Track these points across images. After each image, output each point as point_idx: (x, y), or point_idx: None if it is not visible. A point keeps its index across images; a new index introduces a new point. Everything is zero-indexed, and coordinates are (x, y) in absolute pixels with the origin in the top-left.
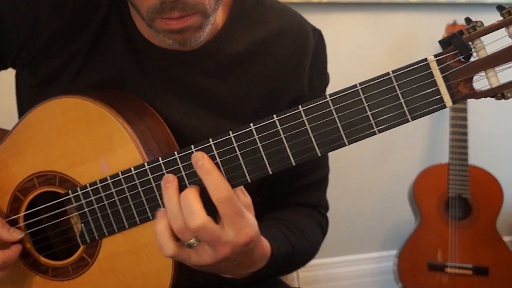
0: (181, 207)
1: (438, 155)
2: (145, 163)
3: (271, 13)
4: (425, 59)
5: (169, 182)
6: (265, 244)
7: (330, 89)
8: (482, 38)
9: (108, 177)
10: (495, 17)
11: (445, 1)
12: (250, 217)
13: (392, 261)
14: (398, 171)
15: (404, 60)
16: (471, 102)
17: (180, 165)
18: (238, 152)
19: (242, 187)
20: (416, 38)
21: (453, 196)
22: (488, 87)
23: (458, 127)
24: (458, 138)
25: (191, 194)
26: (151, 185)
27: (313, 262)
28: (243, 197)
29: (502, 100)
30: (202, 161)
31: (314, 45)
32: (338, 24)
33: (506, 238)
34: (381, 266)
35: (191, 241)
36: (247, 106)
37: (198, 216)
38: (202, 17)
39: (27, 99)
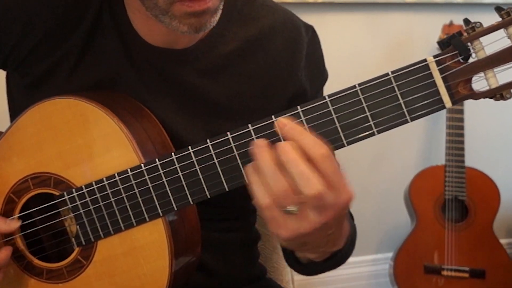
0: (284, 172)
1: (435, 156)
2: (142, 165)
3: (262, 10)
4: (425, 60)
5: (263, 146)
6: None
7: (326, 91)
8: (481, 39)
9: (104, 179)
10: (492, 17)
11: (441, 1)
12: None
13: (388, 263)
14: (394, 173)
15: (401, 60)
16: (468, 103)
17: (177, 166)
18: (235, 153)
19: None
20: (412, 38)
21: (450, 198)
22: (487, 87)
23: (455, 129)
24: (455, 139)
25: (298, 158)
26: (147, 186)
27: None
28: None
29: (501, 101)
30: (290, 125)
31: (308, 40)
32: (334, 25)
33: (503, 241)
34: (376, 269)
35: (291, 207)
36: (241, 104)
37: (314, 182)
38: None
39: (19, 100)
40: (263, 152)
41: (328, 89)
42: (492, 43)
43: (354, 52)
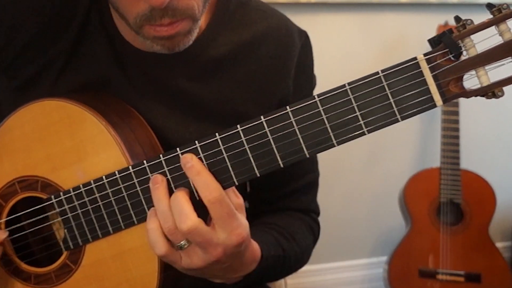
0: (171, 209)
1: (430, 159)
2: (130, 167)
3: (256, 15)
4: (415, 58)
5: (158, 183)
6: (255, 247)
7: (318, 91)
8: (472, 36)
9: (92, 181)
10: (487, 17)
11: (436, 2)
12: (242, 218)
13: (382, 267)
14: (388, 175)
15: (394, 62)
16: (463, 105)
17: (165, 168)
18: (225, 155)
19: (234, 188)
20: (406, 39)
21: (445, 201)
22: (479, 85)
23: (450, 131)
24: (450, 141)
25: (181, 196)
26: (136, 189)
27: (301, 268)
28: (235, 198)
29: (495, 102)
30: (191, 162)
31: (301, 47)
32: (327, 25)
33: (498, 244)
34: (371, 273)
35: (181, 243)
36: (231, 109)
37: (189, 218)
38: (191, 21)
39: (6, 104)
40: (158, 189)
41: (321, 90)
42: (483, 41)
43: (347, 53)
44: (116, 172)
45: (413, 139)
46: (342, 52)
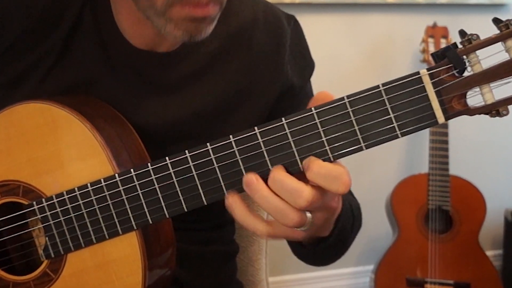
0: (280, 195)
1: (418, 164)
2: (116, 175)
3: (242, 4)
4: (417, 73)
5: (254, 183)
6: None
7: None
8: (477, 52)
9: (76, 188)
10: (476, 19)
11: (424, 2)
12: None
13: (369, 276)
14: (375, 181)
15: (382, 63)
16: None
17: (153, 177)
18: (215, 165)
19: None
20: (394, 40)
21: (433, 208)
22: (483, 103)
23: (439, 135)
24: (439, 147)
25: (279, 174)
26: (121, 198)
27: (285, 278)
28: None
29: None
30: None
31: (291, 32)
32: (312, 26)
33: (489, 253)
34: (356, 282)
35: (307, 221)
36: (228, 103)
37: (301, 190)
38: (219, 8)
39: None
40: (257, 187)
41: None
42: (489, 57)
43: (333, 54)
44: (102, 180)
45: (400, 144)
46: (329, 53)
